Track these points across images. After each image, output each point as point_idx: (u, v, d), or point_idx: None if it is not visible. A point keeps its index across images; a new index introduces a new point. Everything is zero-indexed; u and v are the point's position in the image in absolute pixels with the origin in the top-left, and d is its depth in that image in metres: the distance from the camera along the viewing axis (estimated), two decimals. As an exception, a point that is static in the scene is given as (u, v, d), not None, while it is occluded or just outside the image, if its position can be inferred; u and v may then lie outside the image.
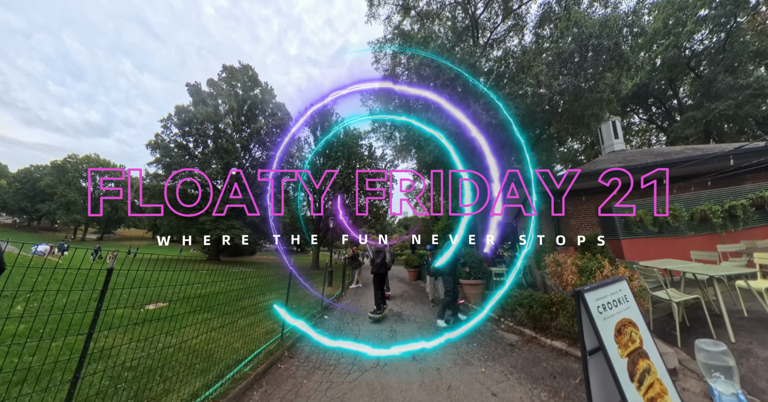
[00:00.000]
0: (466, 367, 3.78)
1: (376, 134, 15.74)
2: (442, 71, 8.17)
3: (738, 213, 7.21)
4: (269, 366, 4.15)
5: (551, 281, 5.60)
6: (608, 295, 2.29)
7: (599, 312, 2.14)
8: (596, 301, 2.18)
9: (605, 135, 14.71)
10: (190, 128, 29.72)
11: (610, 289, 2.34)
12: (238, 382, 3.54)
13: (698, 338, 4.01)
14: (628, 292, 2.46)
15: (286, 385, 3.59)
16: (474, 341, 4.74)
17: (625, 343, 2.13)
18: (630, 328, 2.24)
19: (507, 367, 3.68)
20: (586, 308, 2.10)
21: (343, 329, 5.98)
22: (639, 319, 2.37)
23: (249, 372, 3.83)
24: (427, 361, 4.04)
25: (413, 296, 9.80)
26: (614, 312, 2.23)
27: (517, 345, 4.43)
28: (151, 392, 3.08)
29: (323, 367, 4.07)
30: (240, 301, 8.72)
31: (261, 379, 3.78)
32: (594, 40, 7.22)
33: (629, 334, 2.20)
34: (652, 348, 2.30)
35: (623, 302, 2.36)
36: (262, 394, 3.41)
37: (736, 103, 19.48)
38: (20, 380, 3.03)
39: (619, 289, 2.40)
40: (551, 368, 3.55)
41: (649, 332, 2.40)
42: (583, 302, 2.12)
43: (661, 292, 4.23)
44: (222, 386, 3.41)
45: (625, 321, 2.25)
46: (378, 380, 3.56)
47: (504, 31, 12.65)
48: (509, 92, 8.11)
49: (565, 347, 3.97)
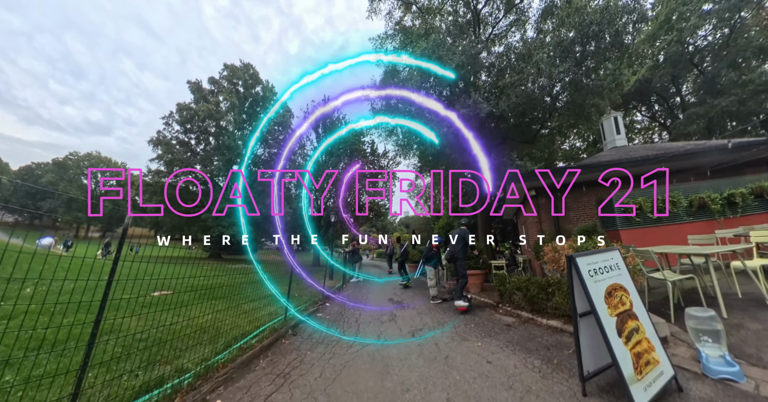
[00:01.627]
0: (463, 342, 3.89)
1: (378, 130, 15.83)
2: (442, 62, 8.25)
3: (737, 200, 7.27)
4: (274, 340, 4.30)
5: (549, 267, 5.68)
6: (600, 261, 2.37)
7: (590, 275, 2.22)
8: (588, 266, 2.25)
9: (607, 130, 14.74)
10: (191, 125, 29.87)
11: (602, 256, 2.42)
12: (245, 351, 3.70)
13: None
14: (620, 261, 2.54)
15: (290, 356, 3.74)
16: (472, 322, 4.84)
17: (615, 305, 2.21)
18: (620, 292, 2.31)
19: (503, 342, 3.79)
20: (578, 271, 2.18)
21: (345, 314, 6.08)
22: (630, 286, 2.45)
23: (255, 344, 3.99)
24: (425, 338, 4.16)
25: (413, 288, 9.90)
26: (605, 276, 2.31)
27: (514, 325, 4.53)
28: (163, 358, 3.26)
29: (326, 343, 4.22)
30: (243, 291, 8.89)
31: (267, 351, 3.94)
32: (595, 27, 7.25)
33: (619, 297, 2.28)
34: (642, 312, 2.38)
35: (615, 269, 2.44)
36: (268, 362, 3.56)
37: (739, 100, 19.44)
38: (36, 346, 3.22)
39: (611, 257, 2.48)
40: (545, 342, 3.65)
41: (641, 301, 2.47)
42: (575, 266, 2.20)
43: (656, 273, 4.30)
44: (230, 353, 3.58)
45: (616, 285, 2.33)
46: (379, 351, 3.70)
47: (506, 26, 12.71)
48: (510, 82, 8.16)
49: (561, 325, 4.05)
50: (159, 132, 30.26)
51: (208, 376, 3.04)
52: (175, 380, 2.86)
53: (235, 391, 2.87)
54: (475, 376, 2.80)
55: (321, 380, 2.98)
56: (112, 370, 2.97)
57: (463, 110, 7.87)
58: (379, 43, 14.12)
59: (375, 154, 27.97)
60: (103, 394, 2.54)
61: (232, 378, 3.14)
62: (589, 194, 9.36)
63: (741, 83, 19.54)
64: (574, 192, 9.50)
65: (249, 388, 2.92)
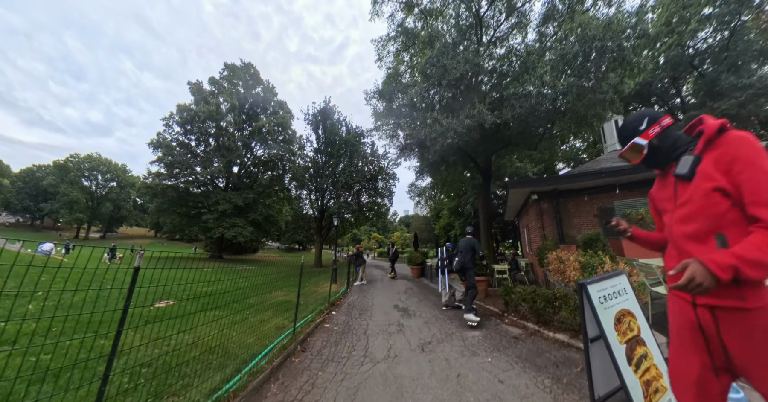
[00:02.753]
0: (473, 357, 3.95)
1: (379, 132, 15.89)
2: (447, 71, 8.33)
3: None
4: (284, 360, 4.27)
5: (554, 278, 5.77)
6: (609, 287, 2.46)
7: (600, 302, 2.31)
8: (598, 293, 2.34)
9: (607, 134, 14.80)
10: (192, 127, 29.90)
11: (610, 282, 2.50)
12: (256, 376, 3.62)
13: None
14: (627, 285, 2.63)
15: (302, 377, 3.72)
16: (479, 334, 4.93)
17: (623, 331, 2.30)
18: (629, 318, 2.40)
19: (512, 357, 3.86)
20: (589, 299, 2.27)
21: (352, 324, 6.16)
22: (637, 311, 2.54)
23: (265, 366, 3.92)
24: (435, 353, 4.22)
25: (417, 293, 9.98)
26: (614, 303, 2.40)
27: (521, 337, 4.61)
28: (170, 388, 3.16)
29: (336, 360, 4.23)
30: (247, 299, 8.94)
31: (277, 372, 3.90)
32: (597, 42, 7.36)
33: (628, 323, 2.37)
34: (650, 337, 2.47)
35: (623, 294, 2.53)
36: (280, 386, 3.53)
37: (738, 103, 19.53)
38: (39, 379, 3.10)
39: (618, 282, 2.57)
40: (554, 358, 3.74)
41: (648, 324, 2.56)
42: (586, 294, 2.29)
43: (660, 287, 4.39)
44: (240, 380, 3.48)
45: (624, 311, 2.42)
46: (390, 370, 3.73)
47: (507, 29, 12.77)
48: (513, 92, 8.27)
49: (567, 339, 4.15)
50: (159, 134, 30.29)
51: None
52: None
53: (249, 423, 2.83)
54: (488, 398, 2.86)
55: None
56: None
57: (467, 120, 7.95)
58: (381, 44, 14.19)
59: (375, 155, 28.01)
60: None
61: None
62: (591, 201, 9.46)
63: (740, 86, 19.62)
64: (576, 198, 9.60)
65: (262, 419, 2.88)
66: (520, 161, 22.10)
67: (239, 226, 28.76)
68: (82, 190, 62.36)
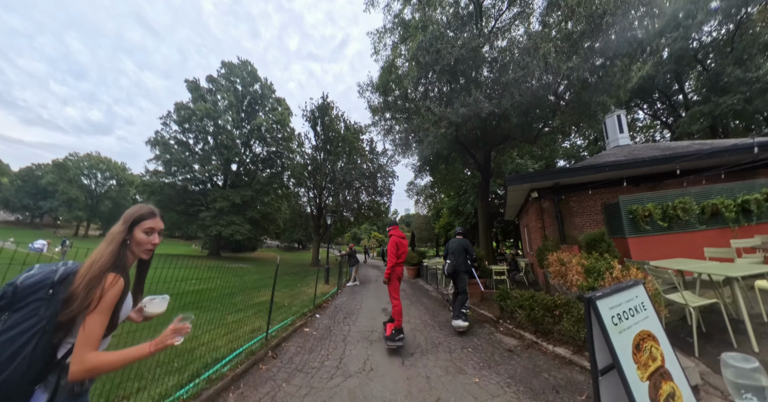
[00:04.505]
0: (458, 376, 3.42)
1: (376, 128, 15.38)
2: (441, 56, 7.72)
3: (752, 207, 6.83)
4: (250, 366, 3.90)
5: (554, 281, 5.25)
6: (623, 302, 1.93)
7: (614, 323, 1.78)
8: (610, 311, 1.82)
9: (610, 129, 14.32)
10: (189, 125, 29.42)
11: (625, 296, 1.98)
12: (214, 383, 3.31)
13: (717, 346, 3.68)
14: (646, 299, 2.10)
15: (264, 388, 3.34)
16: (470, 345, 4.39)
17: (645, 362, 1.77)
18: (650, 343, 1.88)
19: (504, 378, 3.32)
20: (599, 319, 1.75)
21: (333, 329, 5.67)
22: (659, 331, 2.01)
23: (227, 372, 3.60)
24: (416, 368, 3.70)
25: (409, 295, 9.45)
26: (631, 323, 1.87)
27: (516, 351, 4.07)
28: (122, 390, 3.00)
29: (306, 370, 3.78)
30: (232, 296, 8.61)
31: (239, 381, 3.53)
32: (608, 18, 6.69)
33: (649, 349, 1.85)
34: (676, 366, 1.95)
35: (641, 311, 2.00)
36: (238, 396, 3.17)
37: (745, 98, 18.92)
38: None
39: (635, 295, 2.04)
40: (554, 380, 3.19)
41: (670, 345, 2.04)
42: (595, 311, 1.76)
43: (674, 295, 3.87)
44: (195, 386, 3.20)
45: (644, 334, 1.89)
46: (361, 388, 3.25)
47: (509, 19, 12.12)
48: (514, 78, 7.63)
49: (569, 355, 3.61)
50: (157, 132, 29.89)
51: (168, 417, 2.65)
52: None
53: (194, 436, 2.49)
54: (470, 435, 2.36)
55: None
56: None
57: (462, 109, 7.37)
58: (378, 37, 13.61)
59: (374, 152, 27.50)
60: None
61: (194, 418, 2.73)
62: (594, 198, 8.93)
63: (747, 80, 18.99)
64: (578, 195, 9.07)
65: (209, 433, 2.53)
66: (521, 158, 21.56)
67: (236, 224, 28.32)
68: (81, 189, 62.17)
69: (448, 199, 30.31)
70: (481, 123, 9.07)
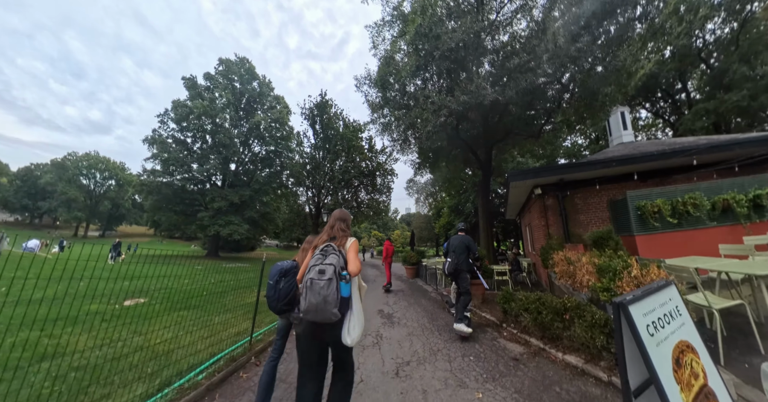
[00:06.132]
0: (458, 390, 3.07)
1: (375, 125, 15.04)
2: (441, 41, 7.32)
3: (763, 203, 6.52)
4: (229, 374, 3.62)
5: (561, 281, 4.92)
6: (657, 307, 1.61)
7: (650, 334, 1.46)
8: (644, 318, 1.50)
9: (613, 126, 14.06)
10: (187, 123, 29.09)
11: (658, 299, 1.66)
12: (186, 393, 3.03)
13: (742, 353, 3.35)
14: (680, 302, 1.78)
15: (241, 400, 3.06)
16: (471, 353, 4.05)
17: (687, 381, 1.45)
18: (690, 356, 1.56)
19: (510, 393, 2.96)
20: (632, 329, 1.42)
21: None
22: (698, 341, 1.69)
23: (202, 381, 3.31)
24: (412, 379, 3.35)
25: (408, 295, 9.12)
26: (668, 332, 1.55)
27: (522, 359, 3.73)
28: (86, 396, 2.86)
29: (289, 380, 3.45)
30: (223, 295, 8.36)
31: (214, 391, 3.24)
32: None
33: (690, 365, 1.53)
34: (718, 382, 1.63)
35: (676, 317, 1.68)
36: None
37: (750, 95, 18.64)
38: None
39: (668, 298, 1.73)
40: (566, 395, 2.84)
41: (710, 357, 1.72)
42: (628, 320, 1.44)
43: (693, 295, 3.55)
44: (163, 397, 2.92)
45: (683, 345, 1.57)
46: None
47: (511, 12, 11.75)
48: (519, 63, 7.19)
49: (582, 364, 3.27)
50: (155, 130, 29.57)
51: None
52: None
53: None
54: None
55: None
56: None
57: (464, 97, 7.00)
58: (376, 31, 13.25)
59: (373, 150, 27.20)
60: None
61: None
62: (600, 194, 8.61)
63: (752, 77, 18.71)
64: (583, 192, 8.76)
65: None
66: (522, 156, 21.26)
67: (235, 224, 28.02)
68: (80, 189, 61.87)
69: (448, 198, 30.02)
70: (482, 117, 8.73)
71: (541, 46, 6.91)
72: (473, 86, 6.95)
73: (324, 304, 1.89)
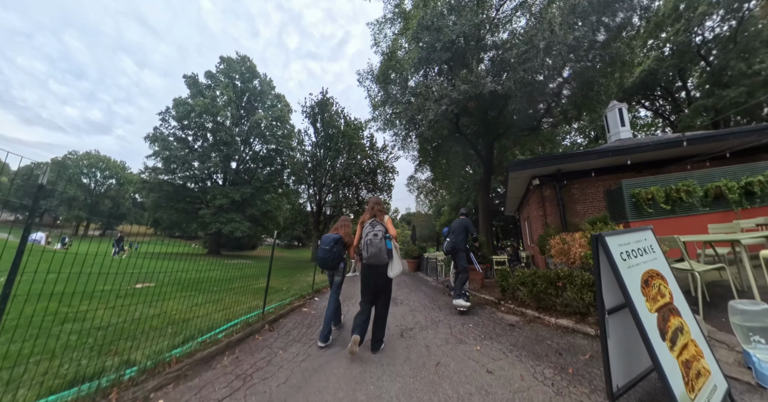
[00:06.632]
0: (459, 345, 3.34)
1: (377, 123, 15.27)
2: (442, 33, 7.57)
3: (755, 189, 6.75)
4: (246, 336, 3.86)
5: (557, 260, 5.17)
6: (632, 242, 1.86)
7: (623, 259, 1.71)
8: (619, 247, 1.74)
9: (611, 123, 14.25)
10: (188, 121, 29.27)
11: (634, 237, 1.91)
12: (208, 346, 3.29)
13: (721, 312, 3.58)
14: (654, 243, 2.03)
15: (259, 354, 3.30)
16: (470, 322, 4.31)
17: (653, 297, 1.70)
18: (658, 281, 1.81)
19: (506, 346, 3.24)
20: (608, 254, 1.67)
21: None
22: (668, 273, 1.94)
23: (222, 338, 3.57)
24: (416, 339, 3.62)
25: (409, 284, 9.38)
26: (640, 261, 1.80)
27: (518, 325, 3.98)
28: (115, 347, 3.07)
29: (303, 341, 3.74)
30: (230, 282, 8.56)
31: (234, 347, 3.49)
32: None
33: (657, 286, 1.77)
34: (684, 305, 1.87)
35: (649, 252, 1.93)
36: (233, 360, 3.13)
37: (747, 91, 18.88)
38: None
39: (644, 238, 1.97)
40: (556, 345, 3.11)
41: (680, 291, 1.96)
42: (604, 247, 1.69)
43: (680, 263, 3.79)
44: (189, 347, 3.17)
45: (653, 272, 1.82)
46: (359, 354, 3.20)
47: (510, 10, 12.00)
48: (517, 54, 7.44)
49: (572, 324, 3.52)
50: (156, 128, 29.73)
51: (157, 372, 2.65)
52: (114, 374, 2.49)
53: (184, 391, 2.45)
54: (471, 392, 2.26)
55: (284, 388, 2.48)
56: (56, 357, 2.77)
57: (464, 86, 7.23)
58: (378, 28, 13.51)
59: (374, 148, 27.42)
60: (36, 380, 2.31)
61: (186, 375, 2.72)
62: (596, 185, 8.86)
63: (750, 74, 18.95)
64: (580, 182, 9.01)
65: (201, 389, 2.48)
66: (522, 154, 21.51)
67: (236, 222, 28.16)
68: (81, 188, 62.04)
69: (449, 196, 30.23)
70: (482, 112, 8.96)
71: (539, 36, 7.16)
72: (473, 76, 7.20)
73: (379, 252, 3.18)
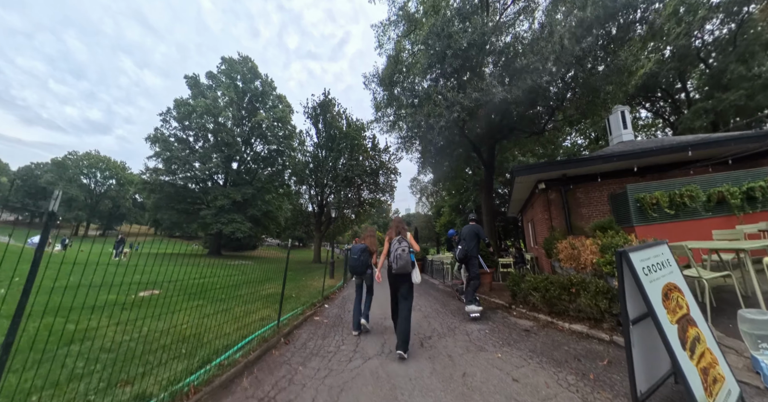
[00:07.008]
0: (480, 353, 3.47)
1: (379, 124, 15.37)
2: (453, 40, 7.71)
3: (756, 195, 6.91)
4: (262, 353, 3.80)
5: (566, 265, 5.31)
6: (651, 257, 2.01)
7: (645, 273, 1.86)
8: (641, 262, 1.89)
9: (613, 125, 14.40)
10: (189, 122, 29.27)
11: (652, 251, 2.06)
12: (226, 369, 3.20)
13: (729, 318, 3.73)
14: (671, 256, 2.18)
15: (279, 372, 3.26)
16: (486, 328, 4.45)
17: (673, 309, 1.85)
18: (676, 293, 1.96)
19: (525, 352, 3.37)
20: (632, 269, 1.82)
21: (344, 317, 5.73)
22: (683, 285, 2.09)
23: (239, 359, 3.48)
24: (436, 348, 3.74)
25: (417, 288, 9.48)
26: (659, 275, 1.95)
27: (533, 330, 4.14)
28: (126, 375, 2.85)
29: (322, 354, 3.75)
30: (237, 288, 8.54)
31: (252, 366, 3.44)
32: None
33: (676, 299, 1.92)
34: (699, 315, 2.02)
35: (666, 266, 2.08)
36: (252, 380, 3.08)
37: (747, 94, 19.07)
38: None
39: (661, 252, 2.12)
40: (574, 351, 3.26)
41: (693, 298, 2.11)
42: (628, 263, 1.84)
43: (688, 270, 3.94)
44: (206, 373, 3.06)
45: (671, 285, 1.97)
46: (383, 367, 3.24)
47: (514, 13, 12.12)
48: (525, 64, 7.58)
49: (586, 330, 3.67)
50: (157, 129, 29.71)
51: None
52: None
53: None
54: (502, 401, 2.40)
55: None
56: (61, 392, 2.56)
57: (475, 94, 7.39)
58: (382, 30, 13.61)
59: (376, 149, 27.48)
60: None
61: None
62: (601, 189, 9.02)
63: (749, 77, 19.13)
64: (585, 186, 9.16)
65: (222, 419, 2.40)
66: (523, 155, 21.65)
67: (237, 222, 28.19)
68: (81, 188, 61.95)
69: (449, 197, 30.36)
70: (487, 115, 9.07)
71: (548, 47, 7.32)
72: (484, 84, 7.35)
73: (406, 264, 3.84)
